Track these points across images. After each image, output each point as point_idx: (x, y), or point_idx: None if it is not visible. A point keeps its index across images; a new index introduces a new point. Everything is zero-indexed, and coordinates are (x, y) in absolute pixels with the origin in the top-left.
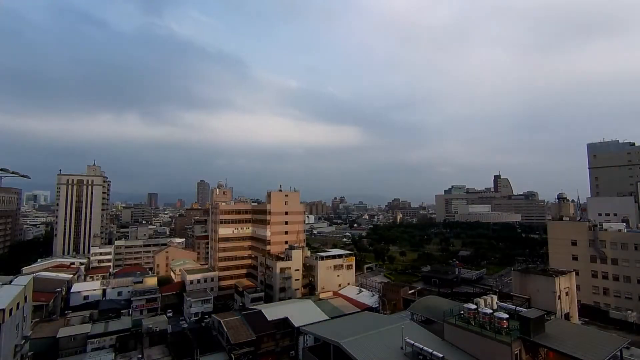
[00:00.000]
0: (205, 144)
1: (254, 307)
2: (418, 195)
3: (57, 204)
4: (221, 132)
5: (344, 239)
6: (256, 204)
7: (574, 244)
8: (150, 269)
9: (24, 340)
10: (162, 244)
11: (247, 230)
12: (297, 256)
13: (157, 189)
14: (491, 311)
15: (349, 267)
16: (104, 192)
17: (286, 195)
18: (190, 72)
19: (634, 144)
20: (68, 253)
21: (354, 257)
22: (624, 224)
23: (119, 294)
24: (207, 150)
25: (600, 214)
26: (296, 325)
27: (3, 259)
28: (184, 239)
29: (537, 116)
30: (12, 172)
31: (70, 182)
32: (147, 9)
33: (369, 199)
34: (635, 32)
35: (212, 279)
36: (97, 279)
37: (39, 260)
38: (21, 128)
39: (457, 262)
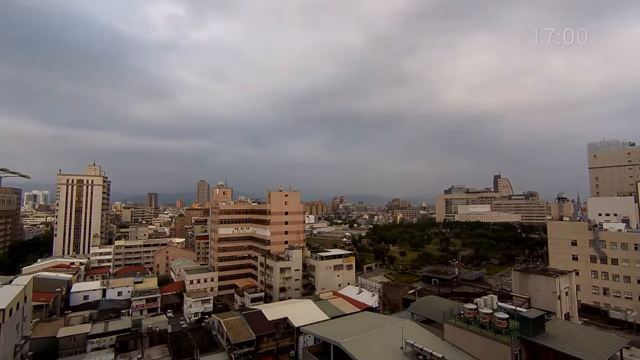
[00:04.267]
0: None
1: (254, 307)
2: (418, 195)
3: (57, 204)
4: None
5: (344, 239)
6: (256, 204)
7: (574, 244)
8: (150, 269)
9: (24, 340)
10: (162, 244)
11: (247, 230)
12: (297, 256)
13: (157, 189)
14: (491, 311)
15: (349, 267)
16: (104, 192)
17: (286, 195)
18: None
19: (634, 144)
20: (68, 253)
21: (354, 257)
22: (624, 224)
23: (119, 294)
24: None
25: (600, 214)
26: (296, 325)
27: (3, 259)
28: (184, 239)
29: None
30: (12, 172)
31: (70, 182)
32: None
33: (369, 199)
34: None
35: (212, 279)
36: (97, 279)
37: (39, 260)
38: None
39: (457, 262)
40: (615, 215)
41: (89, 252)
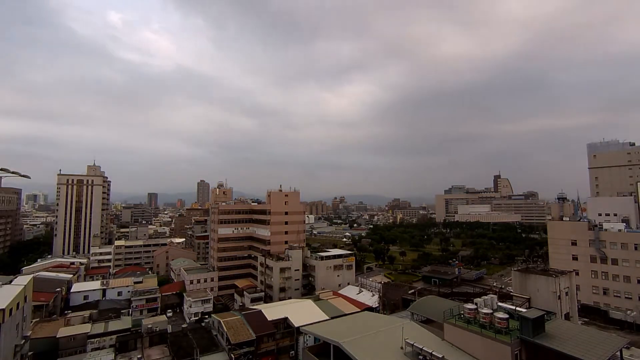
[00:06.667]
0: None
1: (254, 307)
2: (418, 195)
3: (57, 204)
4: None
5: (344, 239)
6: (256, 204)
7: (574, 244)
8: (150, 269)
9: (24, 340)
10: (162, 244)
11: (247, 230)
12: (297, 256)
13: (157, 189)
14: (491, 311)
15: (348, 267)
16: (104, 192)
17: (286, 195)
18: None
19: (634, 144)
20: (68, 253)
21: (353, 257)
22: (624, 224)
23: (119, 294)
24: None
25: (600, 214)
26: (296, 325)
27: (3, 259)
28: (184, 239)
29: None
30: (12, 172)
31: (70, 182)
32: None
33: (369, 199)
34: None
35: (212, 279)
36: (97, 279)
37: (39, 260)
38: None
39: (457, 262)
40: (615, 215)
41: (89, 252)
